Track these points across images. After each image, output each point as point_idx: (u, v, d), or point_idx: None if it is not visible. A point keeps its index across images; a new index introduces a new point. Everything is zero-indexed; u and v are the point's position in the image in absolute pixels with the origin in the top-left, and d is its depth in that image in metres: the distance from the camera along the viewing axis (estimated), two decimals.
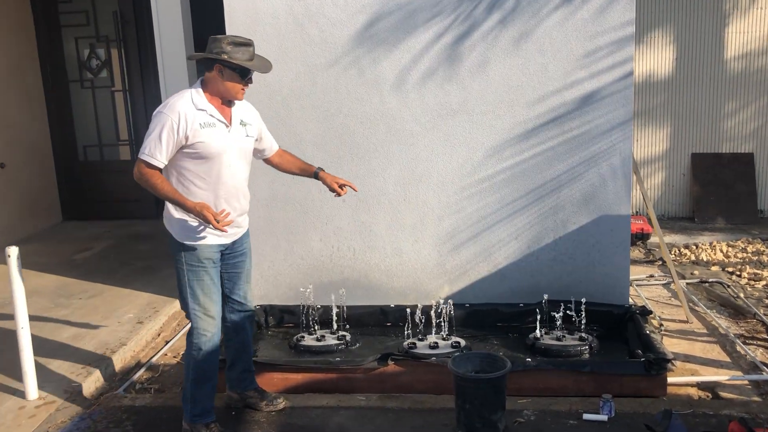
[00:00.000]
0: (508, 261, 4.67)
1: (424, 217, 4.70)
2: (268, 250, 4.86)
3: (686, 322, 4.84)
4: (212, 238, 3.30)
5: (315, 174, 3.59)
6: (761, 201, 7.67)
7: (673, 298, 5.41)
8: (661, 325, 4.71)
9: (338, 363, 3.92)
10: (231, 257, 3.45)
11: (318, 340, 4.46)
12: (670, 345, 4.41)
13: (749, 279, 5.76)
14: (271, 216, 4.82)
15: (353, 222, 4.78)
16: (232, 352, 3.62)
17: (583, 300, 4.32)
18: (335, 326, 4.57)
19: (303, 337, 4.51)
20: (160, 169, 3.20)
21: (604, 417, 3.27)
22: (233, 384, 3.67)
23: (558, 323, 4.27)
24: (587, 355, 4.09)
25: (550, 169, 4.54)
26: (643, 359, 3.66)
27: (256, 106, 3.57)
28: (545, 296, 4.40)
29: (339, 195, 3.56)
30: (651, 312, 4.43)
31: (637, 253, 6.63)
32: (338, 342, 4.42)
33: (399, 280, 4.81)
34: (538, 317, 4.26)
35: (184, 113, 3.16)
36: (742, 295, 5.30)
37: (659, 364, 3.61)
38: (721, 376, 3.87)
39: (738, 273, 5.93)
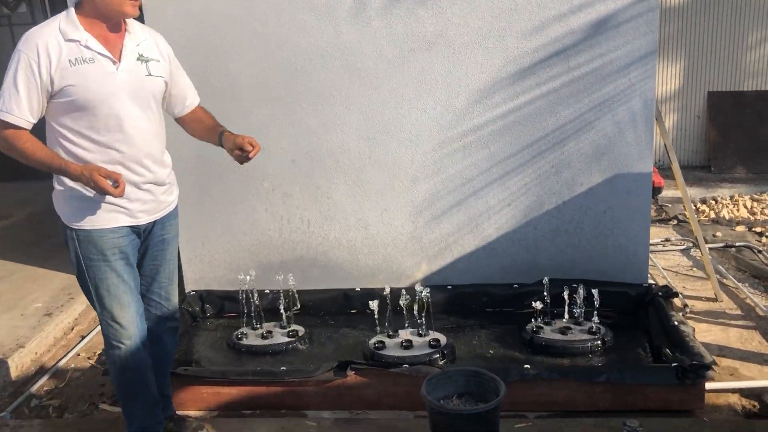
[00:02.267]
0: (500, 233, 3.86)
1: (394, 180, 3.87)
2: (202, 225, 4.02)
3: (714, 300, 4.10)
4: (115, 218, 2.49)
5: (220, 136, 2.71)
6: None
7: (695, 268, 4.67)
8: (686, 305, 3.97)
9: (283, 374, 3.15)
10: (147, 245, 2.64)
11: (263, 337, 3.68)
12: (699, 332, 3.67)
13: None
14: (202, 183, 3.96)
15: (306, 187, 3.94)
16: None
17: (594, 281, 3.54)
18: (285, 318, 3.78)
19: (245, 333, 3.72)
20: (27, 129, 2.36)
21: None
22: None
23: (561, 310, 3.50)
24: (599, 354, 3.34)
25: (552, 116, 3.70)
26: (674, 364, 2.90)
27: (171, 42, 2.69)
28: (546, 279, 3.60)
29: (245, 158, 2.65)
30: (676, 294, 3.67)
31: None
32: (289, 340, 3.65)
33: (365, 258, 4.01)
34: (537, 302, 3.48)
35: (46, 47, 2.33)
36: None
37: (696, 371, 2.86)
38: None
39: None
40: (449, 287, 3.96)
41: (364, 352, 3.42)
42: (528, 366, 3.02)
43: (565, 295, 3.50)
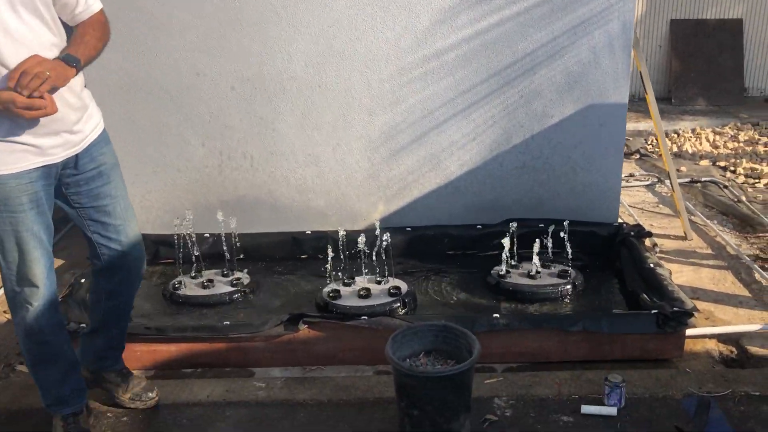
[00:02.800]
0: (463, 169, 3.57)
1: (348, 112, 3.50)
2: (130, 161, 3.57)
3: (684, 238, 3.95)
4: (22, 159, 2.05)
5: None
6: (749, 77, 6.77)
7: (661, 205, 4.51)
8: (655, 245, 3.80)
9: (227, 330, 2.83)
10: (80, 184, 2.22)
11: (204, 286, 3.33)
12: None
13: (746, 176, 4.90)
14: (129, 112, 3.51)
15: (248, 118, 3.53)
16: (98, 317, 2.49)
17: (562, 220, 3.31)
18: (228, 266, 3.44)
19: (182, 283, 3.36)
20: None
21: (612, 410, 2.34)
22: (88, 359, 2.55)
23: (529, 252, 3.26)
24: (570, 299, 3.14)
25: (522, 41, 3.36)
26: (654, 311, 2.71)
27: None
28: (513, 224, 3.34)
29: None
30: (649, 233, 3.48)
31: None
32: (232, 290, 3.31)
33: (316, 197, 3.66)
34: (505, 244, 3.23)
35: None
36: (743, 198, 4.43)
37: (677, 318, 2.68)
38: (748, 326, 2.99)
39: (732, 168, 5.07)
40: (409, 229, 3.68)
41: (318, 303, 3.13)
42: (497, 315, 2.78)
43: (533, 236, 3.25)
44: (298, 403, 2.54)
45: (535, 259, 3.26)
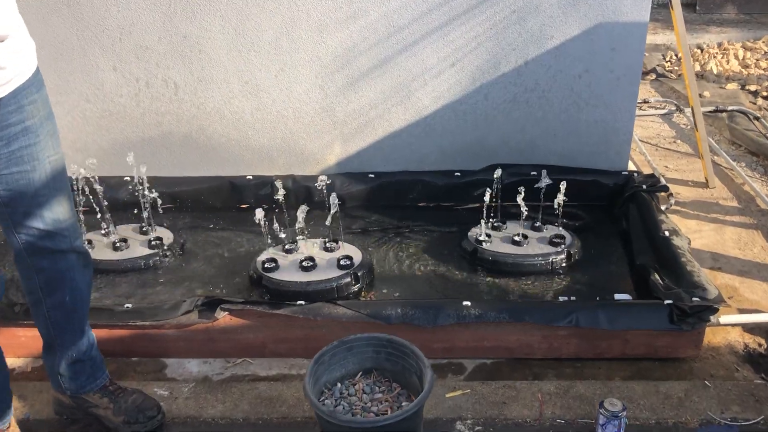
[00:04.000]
0: (439, 103, 2.90)
1: (292, 28, 2.79)
2: None
3: (705, 185, 3.33)
4: None
5: None
6: None
7: (679, 140, 3.86)
8: (670, 195, 3.17)
9: (125, 316, 2.27)
10: None
11: (115, 248, 2.74)
12: (686, 233, 2.92)
13: None
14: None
15: (168, 37, 2.83)
16: (43, 325, 1.91)
17: (559, 166, 2.69)
18: (147, 220, 2.84)
19: (90, 242, 2.78)
20: None
21: None
22: (56, 380, 2.00)
23: (517, 206, 2.65)
24: (563, 273, 2.57)
25: None
26: (668, 302, 2.14)
27: None
28: (498, 172, 2.71)
29: None
30: (665, 188, 2.85)
31: None
32: (151, 251, 2.73)
33: (258, 135, 3.02)
34: (486, 197, 2.63)
35: None
36: None
37: (698, 314, 2.10)
38: None
39: (765, 94, 4.36)
40: (371, 175, 3.06)
41: (251, 275, 2.56)
42: (468, 304, 2.21)
43: (524, 187, 2.63)
44: (205, 422, 2.00)
45: (522, 219, 2.65)
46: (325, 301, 2.25)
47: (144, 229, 2.85)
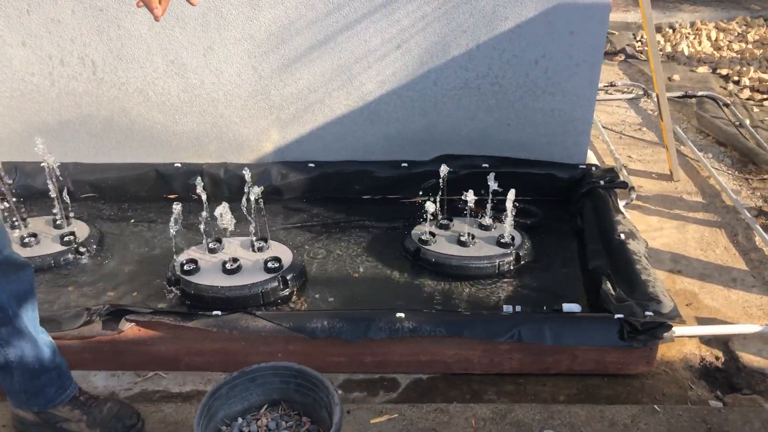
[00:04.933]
0: (384, 88, 2.68)
1: (222, 2, 2.53)
2: None
3: (670, 178, 3.16)
4: None
5: None
6: None
7: (645, 128, 3.69)
8: (632, 189, 2.99)
9: None
10: None
11: (23, 243, 2.50)
12: (648, 231, 2.76)
13: (753, 90, 4.04)
14: None
15: (83, 10, 2.56)
16: None
17: (512, 159, 2.49)
18: (61, 212, 2.59)
19: None
20: None
21: None
22: (17, 397, 1.78)
23: (465, 200, 2.45)
24: (511, 276, 2.39)
25: None
26: (618, 316, 1.96)
27: None
28: (444, 168, 2.50)
29: None
30: (624, 184, 2.66)
31: None
32: (62, 248, 2.49)
33: (186, 119, 2.77)
34: (433, 192, 2.43)
35: None
36: (747, 122, 3.60)
37: (651, 331, 1.93)
38: (741, 326, 2.26)
39: (736, 78, 4.19)
40: (311, 165, 2.83)
41: (169, 277, 2.33)
42: (401, 315, 2.01)
43: (475, 179, 2.43)
44: None
45: (469, 217, 2.45)
46: (244, 312, 2.03)
47: (58, 222, 2.61)
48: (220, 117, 2.76)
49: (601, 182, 2.64)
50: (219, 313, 2.05)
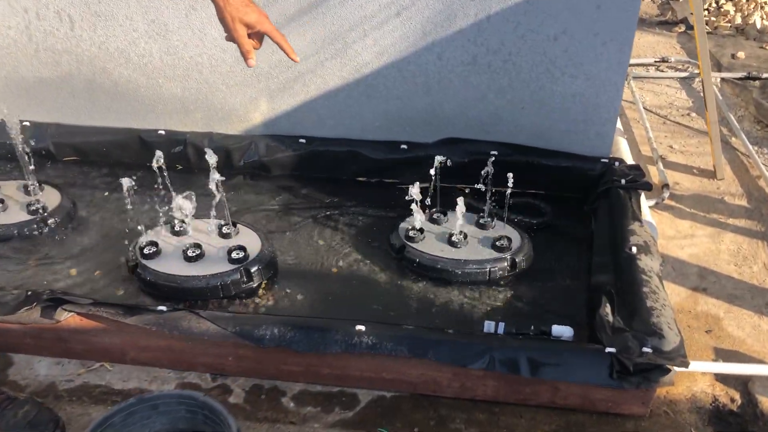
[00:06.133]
0: (382, 60, 2.41)
1: None
2: None
3: (713, 176, 2.80)
4: None
5: None
6: None
7: (694, 113, 3.29)
8: (665, 187, 2.66)
9: None
10: None
11: None
12: (676, 237, 2.45)
13: None
14: None
15: None
16: None
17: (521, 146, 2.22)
18: (29, 177, 2.45)
19: None
20: None
21: None
22: None
23: (463, 193, 2.20)
24: (502, 286, 2.14)
25: None
26: (609, 350, 1.69)
27: None
28: (439, 159, 2.24)
29: None
30: (647, 186, 2.33)
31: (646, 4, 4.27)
32: (29, 218, 2.36)
33: (170, 84, 2.58)
34: (430, 180, 2.19)
35: None
36: None
37: (644, 373, 1.66)
38: (766, 366, 1.96)
39: None
40: (302, 141, 2.60)
41: (128, 260, 2.17)
42: (361, 328, 1.79)
43: (480, 167, 2.15)
44: None
45: (460, 212, 2.19)
46: (188, 311, 1.85)
47: (29, 188, 2.47)
48: (204, 83, 2.55)
49: (622, 181, 2.32)
50: (164, 308, 1.87)
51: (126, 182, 2.04)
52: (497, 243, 2.18)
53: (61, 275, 2.21)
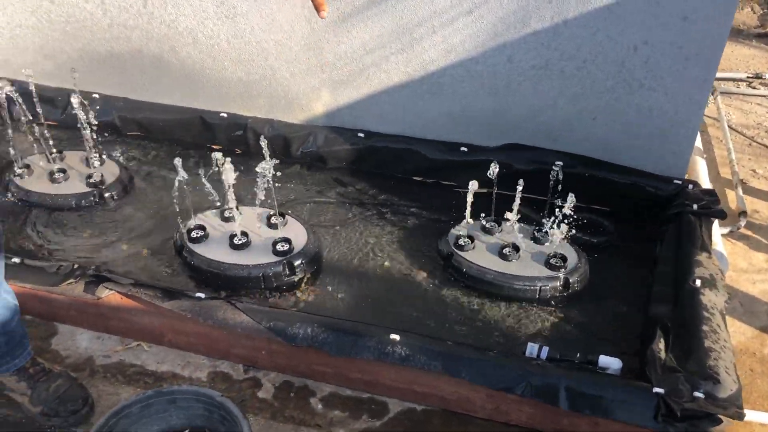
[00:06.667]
0: (450, 58, 2.32)
1: None
2: None
3: None
4: None
5: None
6: None
7: None
8: (743, 213, 2.48)
9: (11, 272, 1.95)
10: None
11: (52, 178, 2.43)
12: (747, 272, 2.28)
13: None
14: None
15: None
16: None
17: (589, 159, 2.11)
18: (92, 149, 2.49)
19: (29, 167, 2.48)
20: None
21: None
22: None
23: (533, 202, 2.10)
24: (552, 306, 2.04)
25: None
26: (657, 390, 1.57)
27: None
28: (494, 167, 2.14)
29: None
30: (722, 214, 2.17)
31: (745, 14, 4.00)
32: (86, 190, 2.40)
33: (235, 67, 2.57)
34: (492, 186, 2.10)
35: None
36: None
37: (693, 418, 1.53)
38: None
39: None
40: (360, 135, 2.55)
41: (175, 242, 2.18)
42: (396, 337, 1.73)
43: (544, 178, 2.05)
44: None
45: (514, 222, 2.09)
46: (226, 300, 1.84)
47: (91, 159, 2.51)
48: (270, 69, 2.53)
49: (695, 206, 2.17)
50: (202, 296, 1.86)
51: (178, 162, 2.03)
52: (551, 260, 2.07)
53: (112, 249, 2.24)
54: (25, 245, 2.24)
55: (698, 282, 1.88)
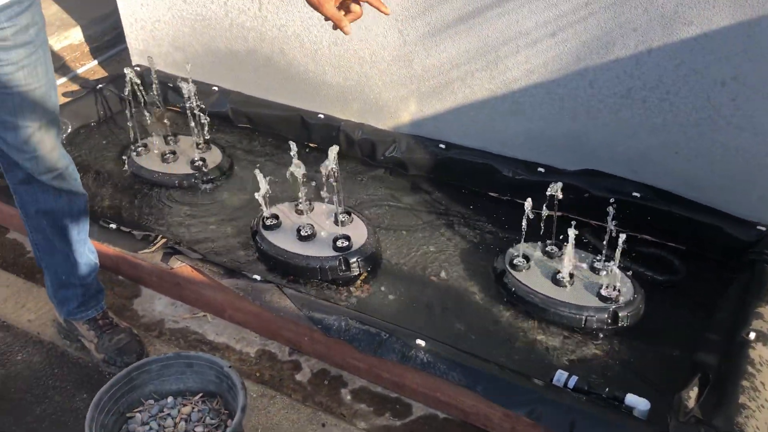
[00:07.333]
0: (532, 79, 2.33)
1: None
2: None
3: None
4: None
5: None
6: None
7: None
8: None
9: (105, 237, 2.24)
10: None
11: (163, 158, 2.72)
12: None
13: None
14: None
15: None
16: (32, 245, 1.93)
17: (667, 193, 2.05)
18: (199, 135, 2.75)
19: (146, 146, 2.78)
20: None
21: None
22: (51, 300, 2.01)
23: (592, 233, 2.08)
24: (595, 338, 2.02)
25: None
26: None
27: None
28: (558, 189, 2.12)
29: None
30: None
31: None
32: (190, 172, 2.66)
33: (334, 72, 2.73)
34: (554, 209, 2.11)
35: None
36: None
37: None
38: None
39: None
40: (442, 146, 2.61)
41: (252, 228, 2.37)
42: (421, 343, 1.79)
43: (617, 207, 2.00)
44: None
45: (571, 250, 2.06)
46: (275, 284, 1.98)
47: (200, 144, 2.77)
48: (364, 76, 2.65)
49: None
50: (257, 278, 2.02)
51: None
52: (602, 291, 2.03)
53: (201, 227, 2.47)
54: (129, 214, 2.52)
55: (752, 335, 1.77)
